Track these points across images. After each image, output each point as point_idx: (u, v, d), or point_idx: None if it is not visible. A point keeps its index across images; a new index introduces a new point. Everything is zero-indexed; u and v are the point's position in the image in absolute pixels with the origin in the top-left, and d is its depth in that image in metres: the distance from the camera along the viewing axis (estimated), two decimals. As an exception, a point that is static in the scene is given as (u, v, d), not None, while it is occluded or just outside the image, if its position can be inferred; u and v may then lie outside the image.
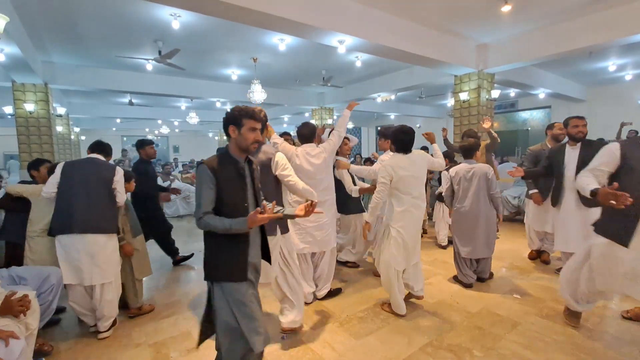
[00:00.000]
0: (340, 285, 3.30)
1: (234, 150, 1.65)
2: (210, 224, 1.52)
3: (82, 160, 2.52)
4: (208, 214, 1.53)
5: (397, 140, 2.63)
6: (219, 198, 1.56)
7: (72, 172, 2.36)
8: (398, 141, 2.63)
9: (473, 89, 6.24)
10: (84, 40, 5.38)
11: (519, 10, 4.55)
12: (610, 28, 4.57)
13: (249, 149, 1.64)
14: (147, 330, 2.56)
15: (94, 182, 2.34)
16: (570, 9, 4.58)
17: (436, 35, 5.29)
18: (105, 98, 10.32)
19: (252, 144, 1.63)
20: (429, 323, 2.57)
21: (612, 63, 7.30)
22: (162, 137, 18.72)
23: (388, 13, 4.63)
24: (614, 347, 2.21)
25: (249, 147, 1.63)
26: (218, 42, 5.64)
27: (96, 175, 2.37)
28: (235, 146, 1.65)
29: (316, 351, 2.25)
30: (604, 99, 9.77)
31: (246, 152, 1.67)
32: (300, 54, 6.29)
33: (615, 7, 4.47)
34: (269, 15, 3.58)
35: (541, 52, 5.32)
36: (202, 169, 1.57)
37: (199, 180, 1.56)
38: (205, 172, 1.55)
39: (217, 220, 1.52)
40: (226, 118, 1.64)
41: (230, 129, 1.62)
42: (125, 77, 7.19)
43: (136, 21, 4.63)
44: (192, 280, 3.68)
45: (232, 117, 1.62)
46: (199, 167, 1.62)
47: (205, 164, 1.58)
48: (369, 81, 8.73)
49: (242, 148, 1.64)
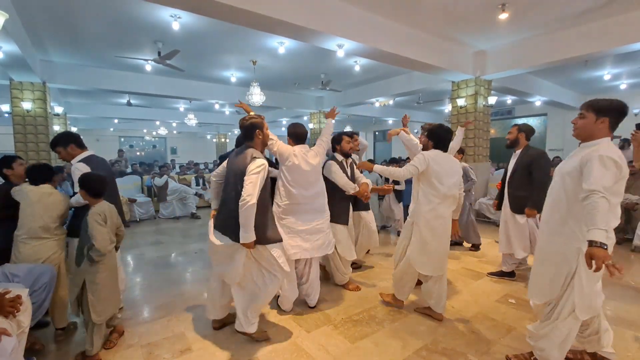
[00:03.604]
0: (336, 287, 3.30)
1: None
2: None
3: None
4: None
5: (435, 136, 2.59)
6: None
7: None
8: (436, 136, 2.59)
9: (470, 95, 6.30)
10: (83, 40, 5.38)
11: (516, 18, 4.61)
12: (606, 37, 4.64)
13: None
14: (140, 331, 2.54)
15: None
16: (566, 18, 4.65)
17: (434, 42, 5.34)
18: (103, 98, 10.30)
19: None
20: (424, 327, 2.56)
21: (608, 72, 7.40)
22: (159, 138, 18.67)
23: (387, 18, 4.68)
24: (607, 353, 2.22)
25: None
26: (218, 44, 5.66)
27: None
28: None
29: (311, 354, 2.23)
30: (600, 107, 9.86)
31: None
32: (300, 58, 6.33)
33: (611, 17, 4.54)
34: (269, 18, 3.60)
35: (537, 60, 5.38)
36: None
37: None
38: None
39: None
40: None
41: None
42: (124, 77, 7.20)
43: (136, 21, 4.64)
44: (187, 281, 3.65)
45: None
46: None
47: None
48: (367, 86, 8.78)
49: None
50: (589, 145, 1.77)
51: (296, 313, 2.79)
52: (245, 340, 2.37)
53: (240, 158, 2.21)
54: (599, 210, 1.46)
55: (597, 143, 1.74)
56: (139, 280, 3.62)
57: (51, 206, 2.34)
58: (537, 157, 3.16)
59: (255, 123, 2.28)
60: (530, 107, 10.71)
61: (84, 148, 2.62)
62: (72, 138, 2.57)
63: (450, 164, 2.56)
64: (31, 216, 2.26)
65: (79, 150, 2.58)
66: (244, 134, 2.34)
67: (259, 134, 2.29)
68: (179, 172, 9.54)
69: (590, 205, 1.50)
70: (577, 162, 1.71)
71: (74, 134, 2.65)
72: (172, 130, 16.69)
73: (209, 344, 2.36)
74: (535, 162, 3.13)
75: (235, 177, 2.20)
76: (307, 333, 2.49)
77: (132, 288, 3.39)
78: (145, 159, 14.71)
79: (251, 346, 2.32)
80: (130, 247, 4.84)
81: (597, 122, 1.74)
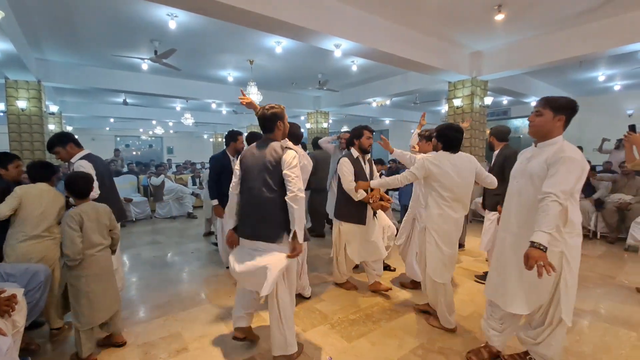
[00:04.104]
0: (333, 287, 3.31)
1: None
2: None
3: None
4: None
5: (444, 137, 2.46)
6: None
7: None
8: (444, 137, 2.45)
9: (466, 95, 6.33)
10: (79, 38, 5.35)
11: (512, 19, 4.64)
12: (600, 39, 4.68)
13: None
14: (137, 331, 2.53)
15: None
16: (562, 19, 4.69)
17: (431, 42, 5.36)
18: (99, 97, 10.24)
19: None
20: (421, 326, 2.58)
21: (602, 73, 7.47)
22: (156, 137, 18.58)
23: (384, 19, 4.69)
24: (602, 352, 2.25)
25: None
26: (215, 44, 5.65)
27: None
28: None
29: (307, 353, 2.24)
30: (594, 108, 9.97)
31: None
32: (297, 57, 6.33)
33: (605, 19, 4.59)
34: (267, 18, 3.60)
35: (533, 61, 5.42)
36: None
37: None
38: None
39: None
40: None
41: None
42: (120, 76, 7.16)
43: (133, 20, 4.62)
44: (184, 281, 3.64)
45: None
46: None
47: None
48: (364, 86, 8.80)
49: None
50: (549, 144, 1.76)
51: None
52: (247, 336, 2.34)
53: (268, 151, 2.01)
54: (549, 214, 1.52)
55: (557, 142, 1.73)
56: (135, 280, 3.60)
57: (51, 203, 2.33)
58: (509, 155, 3.18)
59: (277, 113, 2.06)
60: (526, 107, 10.78)
61: (81, 147, 2.67)
62: (69, 137, 2.61)
63: (459, 166, 2.37)
64: (34, 214, 2.23)
65: (77, 149, 2.63)
66: (263, 124, 2.10)
67: (280, 125, 2.09)
68: (176, 171, 9.52)
69: (542, 207, 1.56)
70: (543, 163, 1.70)
71: (70, 133, 2.69)
72: (168, 129, 16.63)
73: (205, 344, 2.36)
74: (507, 160, 3.15)
75: (262, 172, 1.99)
76: (304, 332, 2.49)
77: (128, 288, 3.37)
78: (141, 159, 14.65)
79: (247, 346, 2.32)
80: (127, 247, 4.81)
81: (555, 119, 1.73)
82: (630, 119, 9.25)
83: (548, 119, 1.74)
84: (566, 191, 1.57)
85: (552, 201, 1.54)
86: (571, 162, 1.61)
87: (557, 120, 1.73)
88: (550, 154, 1.69)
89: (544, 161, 1.69)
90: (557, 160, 1.63)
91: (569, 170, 1.60)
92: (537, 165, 1.73)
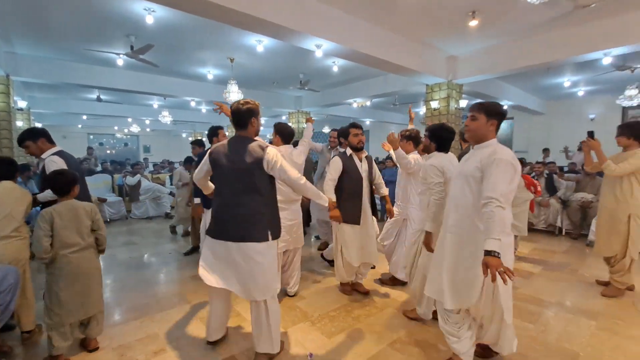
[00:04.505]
0: (314, 284, 3.35)
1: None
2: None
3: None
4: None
5: (437, 137, 2.45)
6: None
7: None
8: (438, 138, 2.44)
9: (443, 98, 6.54)
10: (51, 31, 5.11)
11: (485, 26, 4.84)
12: (565, 46, 4.97)
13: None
14: (112, 333, 2.47)
15: None
16: (531, 28, 4.94)
17: (410, 45, 5.51)
18: (71, 93, 9.80)
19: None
20: (399, 321, 2.66)
21: (567, 79, 7.90)
22: (131, 136, 17.96)
23: (365, 21, 4.78)
24: (565, 341, 2.40)
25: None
26: (194, 40, 5.55)
27: None
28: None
29: (287, 350, 2.27)
30: (561, 112, 10.54)
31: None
32: (278, 57, 6.32)
33: (570, 28, 4.86)
34: (248, 16, 3.58)
35: (505, 66, 5.68)
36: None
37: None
38: None
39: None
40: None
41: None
42: (94, 71, 6.88)
43: (108, 13, 4.47)
44: (161, 282, 3.57)
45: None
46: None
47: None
48: (345, 87, 8.90)
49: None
50: (484, 146, 1.83)
51: (274, 310, 2.81)
52: (222, 338, 2.36)
53: (247, 153, 1.94)
54: (495, 221, 1.56)
55: (490, 144, 1.81)
56: (110, 282, 3.49)
57: (18, 202, 2.24)
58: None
59: (252, 109, 2.02)
60: (499, 110, 11.20)
61: (53, 143, 2.60)
62: (41, 132, 2.55)
63: (455, 165, 2.35)
64: (1, 215, 2.14)
65: (49, 145, 2.56)
66: (237, 120, 2.03)
67: (254, 122, 2.05)
68: (153, 170, 9.26)
69: (486, 214, 1.61)
70: (478, 164, 1.76)
71: (43, 128, 2.63)
72: (145, 128, 16.10)
73: (184, 344, 2.33)
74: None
75: (242, 176, 1.95)
76: (284, 330, 2.52)
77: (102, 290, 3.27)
78: (116, 158, 14.12)
79: (228, 344, 2.32)
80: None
81: (488, 123, 1.81)
82: (592, 122, 9.84)
83: (482, 123, 1.82)
84: (505, 193, 1.63)
85: (495, 207, 1.58)
86: (503, 164, 1.67)
87: (490, 124, 1.81)
88: (484, 156, 1.76)
89: (478, 162, 1.76)
90: (490, 162, 1.69)
91: (503, 171, 1.66)
92: (471, 167, 1.80)
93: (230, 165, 1.98)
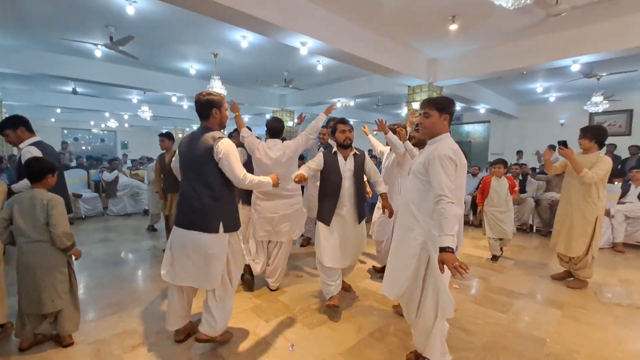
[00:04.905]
0: (296, 279, 3.37)
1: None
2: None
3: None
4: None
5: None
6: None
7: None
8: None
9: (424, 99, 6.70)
10: (24, 19, 4.89)
11: (464, 30, 5.02)
12: (537, 53, 5.22)
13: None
14: (87, 329, 2.40)
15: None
16: (506, 33, 5.16)
17: (393, 47, 5.62)
18: (45, 84, 9.38)
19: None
20: (379, 312, 2.73)
21: (540, 85, 8.28)
22: (109, 131, 17.37)
23: (350, 21, 4.85)
24: (534, 328, 2.54)
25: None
26: (176, 33, 5.45)
27: None
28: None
29: (269, 342, 2.29)
30: (534, 117, 11.02)
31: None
32: (263, 53, 6.30)
33: (542, 35, 5.11)
34: (231, 9, 3.55)
35: (482, 70, 5.90)
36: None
37: None
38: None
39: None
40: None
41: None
42: (70, 62, 6.61)
43: (87, 2, 4.32)
44: (139, 279, 3.50)
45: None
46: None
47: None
48: (329, 86, 8.96)
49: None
50: (435, 141, 1.86)
51: (255, 305, 2.82)
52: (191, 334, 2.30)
53: (201, 142, 1.98)
54: (447, 217, 1.59)
55: (438, 140, 1.84)
56: (85, 279, 3.38)
57: None
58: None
59: (212, 100, 2.05)
60: (477, 114, 11.62)
61: (32, 133, 2.58)
62: (22, 121, 2.54)
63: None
64: None
65: (28, 134, 2.55)
66: (198, 110, 2.08)
67: (216, 114, 2.06)
68: (132, 167, 9.01)
69: (439, 212, 1.63)
70: (423, 160, 1.80)
71: (24, 117, 2.58)
72: (123, 123, 15.58)
73: (163, 338, 2.30)
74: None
75: (195, 163, 1.98)
76: (266, 323, 2.53)
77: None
78: (92, 154, 13.62)
79: (209, 337, 2.31)
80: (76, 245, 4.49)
81: (441, 118, 1.85)
82: (562, 127, 10.35)
83: (436, 119, 1.85)
84: (451, 188, 1.65)
85: (446, 204, 1.61)
86: (441, 160, 1.69)
87: (443, 119, 1.85)
88: (429, 151, 1.80)
89: (424, 158, 1.80)
90: (431, 159, 1.73)
91: (442, 167, 1.68)
92: (418, 162, 1.86)
93: (188, 155, 2.05)
